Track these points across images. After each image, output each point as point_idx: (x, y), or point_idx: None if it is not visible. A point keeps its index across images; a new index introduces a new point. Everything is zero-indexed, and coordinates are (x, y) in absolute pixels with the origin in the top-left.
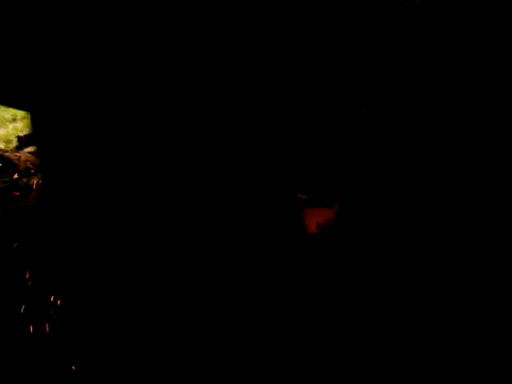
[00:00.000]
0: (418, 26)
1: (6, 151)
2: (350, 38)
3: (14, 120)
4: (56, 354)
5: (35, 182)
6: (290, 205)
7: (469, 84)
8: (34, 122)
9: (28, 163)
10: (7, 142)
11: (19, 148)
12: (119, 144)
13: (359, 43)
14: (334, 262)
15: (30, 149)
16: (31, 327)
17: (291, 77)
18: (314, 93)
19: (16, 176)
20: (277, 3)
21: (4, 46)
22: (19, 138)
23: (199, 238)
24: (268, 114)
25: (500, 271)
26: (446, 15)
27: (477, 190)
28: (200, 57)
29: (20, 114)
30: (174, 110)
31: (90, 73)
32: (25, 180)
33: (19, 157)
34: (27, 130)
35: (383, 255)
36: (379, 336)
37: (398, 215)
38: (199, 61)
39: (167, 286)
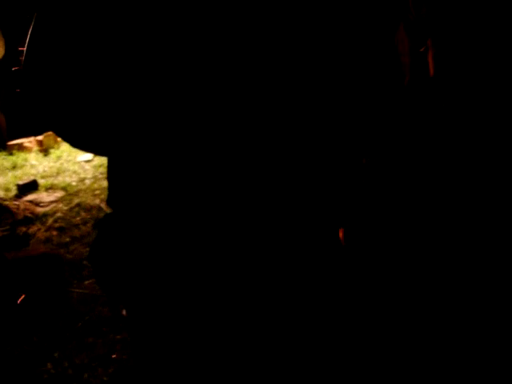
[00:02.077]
0: None
1: (5, 199)
2: None
3: (14, 168)
4: None
5: (35, 230)
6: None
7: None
8: None
9: (27, 212)
10: (6, 190)
11: (18, 196)
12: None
13: None
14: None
15: (30, 197)
16: None
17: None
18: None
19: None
20: None
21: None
22: (19, 187)
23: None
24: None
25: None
26: None
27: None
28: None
29: (20, 161)
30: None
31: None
32: (24, 229)
33: (18, 205)
34: (26, 178)
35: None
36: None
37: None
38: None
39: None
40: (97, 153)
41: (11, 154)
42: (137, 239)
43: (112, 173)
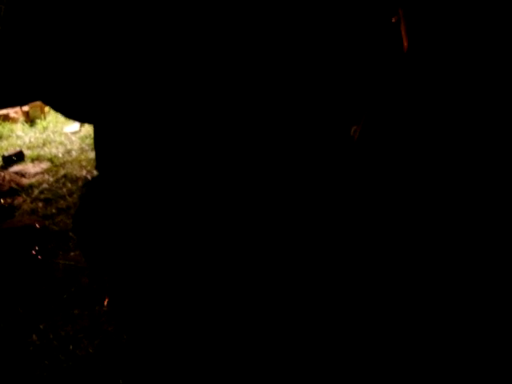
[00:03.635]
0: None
1: None
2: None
3: (0, 138)
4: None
5: (20, 201)
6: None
7: None
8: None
9: (13, 183)
10: None
11: (4, 168)
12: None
13: None
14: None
15: (16, 168)
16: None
17: None
18: None
19: None
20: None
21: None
22: (4, 158)
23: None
24: None
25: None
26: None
27: None
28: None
29: (6, 132)
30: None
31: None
32: (9, 200)
33: (3, 176)
34: (12, 149)
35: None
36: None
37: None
38: None
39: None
40: (85, 121)
41: None
42: (122, 199)
43: (98, 139)
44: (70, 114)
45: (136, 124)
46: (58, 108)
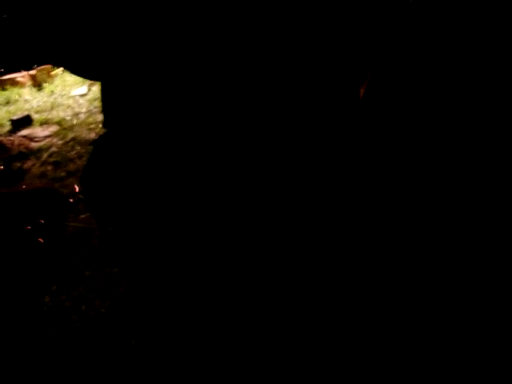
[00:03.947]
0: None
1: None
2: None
3: (7, 103)
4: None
5: (30, 165)
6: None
7: None
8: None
9: (21, 147)
10: (0, 125)
11: (12, 132)
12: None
13: None
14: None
15: (24, 132)
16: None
17: None
18: None
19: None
20: None
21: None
22: (12, 122)
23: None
24: None
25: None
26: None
27: None
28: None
29: (13, 97)
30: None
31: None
32: (18, 164)
33: (12, 141)
34: (20, 113)
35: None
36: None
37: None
38: None
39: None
40: (94, 78)
41: (4, 89)
42: (129, 154)
43: (106, 96)
44: (80, 71)
45: (143, 78)
46: (69, 67)
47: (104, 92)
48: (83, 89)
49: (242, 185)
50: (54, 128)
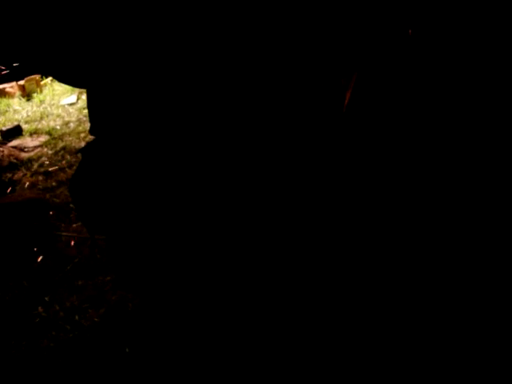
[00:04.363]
0: None
1: None
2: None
3: None
4: None
5: (20, 176)
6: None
7: None
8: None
9: (12, 158)
10: None
11: (2, 143)
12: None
13: None
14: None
15: (14, 143)
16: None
17: None
18: None
19: None
20: None
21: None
22: (2, 132)
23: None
24: None
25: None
26: None
27: None
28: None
29: (2, 107)
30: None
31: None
32: (9, 175)
33: (2, 151)
34: (9, 123)
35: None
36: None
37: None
38: None
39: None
40: (80, 86)
41: None
42: (117, 160)
43: (92, 102)
44: (67, 79)
45: (130, 83)
46: (57, 76)
47: (90, 99)
48: (72, 98)
49: (232, 190)
50: (43, 138)
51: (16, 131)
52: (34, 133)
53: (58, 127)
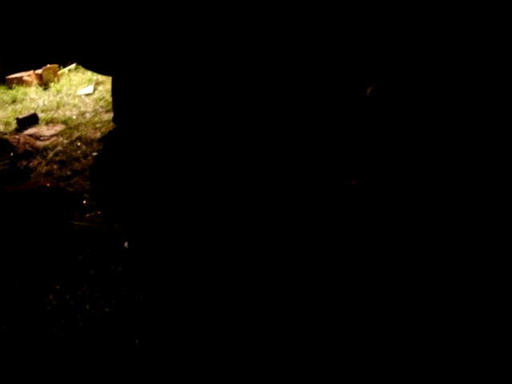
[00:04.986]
0: None
1: (5, 133)
2: None
3: (14, 102)
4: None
5: (35, 164)
6: None
7: None
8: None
9: (27, 146)
10: (6, 124)
11: (18, 130)
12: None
13: None
14: None
15: (30, 131)
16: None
17: None
18: None
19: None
20: None
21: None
22: (18, 120)
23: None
24: None
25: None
26: None
27: None
28: None
29: (20, 95)
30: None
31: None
32: (24, 163)
33: (18, 139)
34: (26, 112)
35: None
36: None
37: None
38: None
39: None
40: (106, 72)
41: (10, 87)
42: (139, 148)
43: (117, 91)
44: (93, 66)
45: (156, 73)
46: (82, 61)
47: (115, 87)
48: (89, 88)
49: (248, 185)
50: (59, 127)
51: (32, 120)
52: (50, 122)
53: (74, 117)
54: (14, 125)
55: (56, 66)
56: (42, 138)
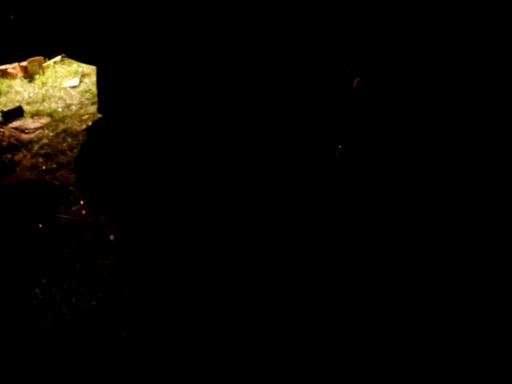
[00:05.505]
0: None
1: None
2: None
3: None
4: None
5: (20, 157)
6: None
7: None
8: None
9: (12, 139)
10: None
11: (3, 123)
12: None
13: None
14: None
15: (15, 124)
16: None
17: None
18: None
19: None
20: None
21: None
22: (3, 113)
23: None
24: None
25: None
26: None
27: None
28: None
29: (4, 88)
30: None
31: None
32: (9, 156)
33: (3, 132)
34: (11, 104)
35: None
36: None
37: None
38: None
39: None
40: (91, 62)
41: None
42: (124, 138)
43: (102, 81)
44: (78, 55)
45: (142, 62)
46: (67, 51)
47: (100, 77)
48: (75, 80)
49: (237, 184)
50: (45, 120)
51: (17, 112)
52: (36, 114)
53: (60, 109)
54: None
55: (41, 58)
56: (27, 131)
